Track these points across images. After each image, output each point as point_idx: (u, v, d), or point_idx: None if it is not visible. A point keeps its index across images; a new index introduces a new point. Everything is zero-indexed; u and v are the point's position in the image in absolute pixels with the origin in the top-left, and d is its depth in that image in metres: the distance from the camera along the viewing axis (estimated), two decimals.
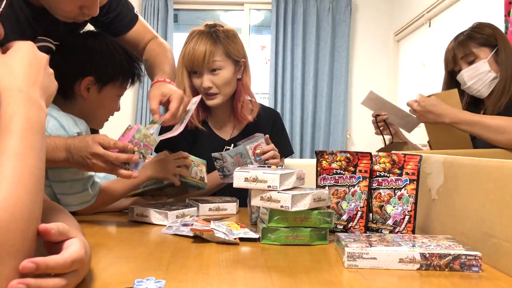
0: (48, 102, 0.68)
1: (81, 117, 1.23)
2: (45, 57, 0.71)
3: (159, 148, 1.40)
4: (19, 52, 0.67)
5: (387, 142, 1.77)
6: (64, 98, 1.23)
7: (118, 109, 1.35)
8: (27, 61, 0.66)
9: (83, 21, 1.13)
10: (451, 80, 1.74)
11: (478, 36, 1.64)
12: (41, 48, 1.17)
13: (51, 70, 0.72)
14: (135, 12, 1.36)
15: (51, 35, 1.17)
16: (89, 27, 1.33)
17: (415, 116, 1.64)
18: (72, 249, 0.58)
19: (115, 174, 1.03)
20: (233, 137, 1.59)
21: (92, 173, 1.19)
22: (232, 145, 1.48)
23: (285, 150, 1.65)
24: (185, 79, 1.46)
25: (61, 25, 1.16)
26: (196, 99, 1.29)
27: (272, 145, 1.40)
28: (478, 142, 1.62)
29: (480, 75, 1.62)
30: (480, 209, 0.88)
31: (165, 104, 1.18)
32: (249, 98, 1.60)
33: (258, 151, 1.35)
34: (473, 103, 1.74)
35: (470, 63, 1.64)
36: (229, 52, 1.45)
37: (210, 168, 1.43)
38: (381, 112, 1.75)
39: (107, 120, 1.36)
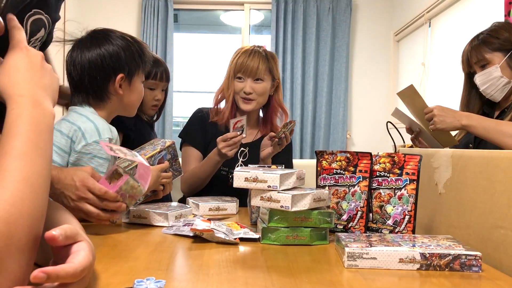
0: (54, 98, 0.70)
1: (117, 111, 1.29)
2: (39, 55, 0.71)
3: (184, 137, 1.74)
4: (13, 59, 0.68)
5: (397, 146, 1.77)
6: (100, 100, 1.25)
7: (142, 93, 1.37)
8: (23, 67, 0.67)
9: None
10: (469, 82, 1.74)
11: (493, 41, 1.62)
12: (38, 21, 1.12)
13: (49, 66, 0.73)
14: None
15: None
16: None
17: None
18: (81, 255, 0.57)
19: (95, 219, 1.00)
20: (254, 140, 1.78)
21: None
22: (248, 148, 1.69)
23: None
24: (232, 83, 1.71)
25: None
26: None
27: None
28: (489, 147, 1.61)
29: (492, 80, 1.62)
30: (488, 200, 0.89)
31: None
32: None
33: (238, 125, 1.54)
34: (488, 104, 1.74)
35: (483, 67, 1.64)
36: (271, 69, 1.72)
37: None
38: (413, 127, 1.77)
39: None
